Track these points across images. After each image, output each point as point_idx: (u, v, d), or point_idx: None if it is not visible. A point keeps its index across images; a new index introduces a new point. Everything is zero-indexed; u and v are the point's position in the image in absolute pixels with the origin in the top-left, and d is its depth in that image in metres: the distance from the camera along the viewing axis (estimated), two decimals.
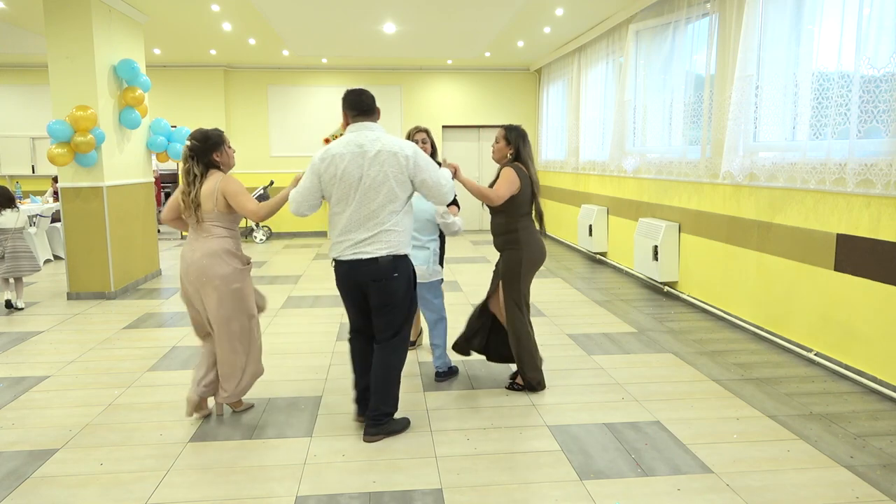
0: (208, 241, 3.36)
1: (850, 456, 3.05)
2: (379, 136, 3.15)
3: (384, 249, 3.12)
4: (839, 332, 4.17)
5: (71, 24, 6.25)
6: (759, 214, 4.98)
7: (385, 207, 3.10)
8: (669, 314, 5.74)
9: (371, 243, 3.11)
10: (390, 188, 3.09)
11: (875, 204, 3.84)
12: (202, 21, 7.78)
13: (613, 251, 8.19)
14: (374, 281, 3.14)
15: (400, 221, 3.16)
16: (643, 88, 6.98)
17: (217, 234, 3.38)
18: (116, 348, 4.89)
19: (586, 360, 4.49)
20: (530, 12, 7.52)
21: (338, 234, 3.17)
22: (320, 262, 8.88)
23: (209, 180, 3.35)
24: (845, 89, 3.99)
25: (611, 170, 7.90)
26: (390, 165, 3.08)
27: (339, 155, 3.10)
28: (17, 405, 3.78)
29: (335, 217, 3.18)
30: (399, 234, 3.16)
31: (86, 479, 2.90)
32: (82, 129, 6.14)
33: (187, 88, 10.96)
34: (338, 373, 4.27)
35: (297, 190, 3.24)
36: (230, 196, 3.34)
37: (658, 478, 2.87)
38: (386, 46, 9.42)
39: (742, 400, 3.74)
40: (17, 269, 6.05)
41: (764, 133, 4.96)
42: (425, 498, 2.71)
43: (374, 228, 3.10)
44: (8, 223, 5.99)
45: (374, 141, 3.11)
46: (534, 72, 11.76)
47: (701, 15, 5.81)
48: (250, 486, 2.83)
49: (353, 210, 3.10)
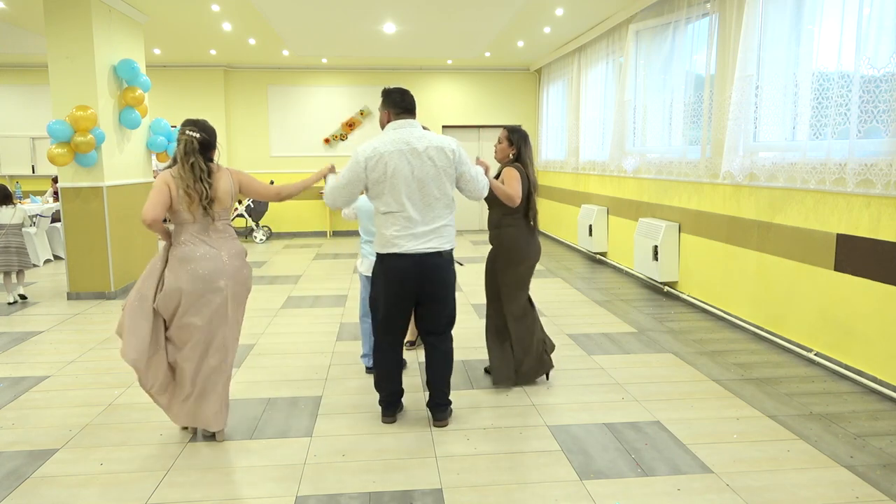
0: (229, 241, 3.17)
1: (850, 456, 3.05)
2: (423, 133, 3.25)
3: (447, 244, 3.28)
4: (839, 331, 4.17)
5: (71, 24, 6.25)
6: (759, 214, 4.98)
7: (440, 201, 3.23)
8: (669, 314, 5.74)
9: (434, 238, 3.22)
10: (441, 183, 3.21)
11: (875, 204, 3.84)
12: (202, 21, 7.78)
13: (613, 251, 8.19)
14: (438, 273, 3.26)
15: (451, 215, 3.32)
16: (643, 88, 6.98)
17: (231, 234, 3.21)
18: (116, 348, 4.88)
19: (586, 360, 4.49)
20: (530, 12, 7.52)
21: (396, 230, 3.18)
22: (320, 261, 8.88)
23: (220, 175, 3.14)
24: (845, 89, 3.99)
25: (611, 170, 7.90)
26: (440, 160, 3.19)
27: (388, 153, 3.14)
28: (17, 405, 3.78)
29: (388, 215, 3.20)
30: (452, 227, 3.33)
31: (86, 479, 2.91)
32: (82, 129, 6.14)
33: (187, 88, 10.96)
34: (338, 373, 4.27)
35: (337, 185, 3.25)
36: (246, 186, 3.23)
37: (658, 478, 2.87)
38: (386, 46, 9.42)
39: (742, 400, 3.74)
40: (8, 263, 6.26)
41: (764, 133, 4.96)
42: (425, 498, 2.71)
43: (433, 222, 3.21)
44: (3, 219, 6.25)
45: (420, 138, 3.20)
46: (534, 72, 11.76)
47: (701, 15, 5.81)
48: (250, 486, 2.83)
49: (410, 206, 3.17)
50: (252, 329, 5.34)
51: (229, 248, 3.15)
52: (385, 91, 3.33)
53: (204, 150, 3.09)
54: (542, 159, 11.45)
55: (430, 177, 3.17)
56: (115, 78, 6.74)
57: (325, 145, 11.50)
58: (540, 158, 11.55)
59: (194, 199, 3.02)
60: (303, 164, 11.39)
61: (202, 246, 3.09)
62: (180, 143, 3.06)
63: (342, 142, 11.51)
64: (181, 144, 3.05)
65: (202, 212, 3.06)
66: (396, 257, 3.20)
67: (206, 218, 3.09)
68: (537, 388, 3.96)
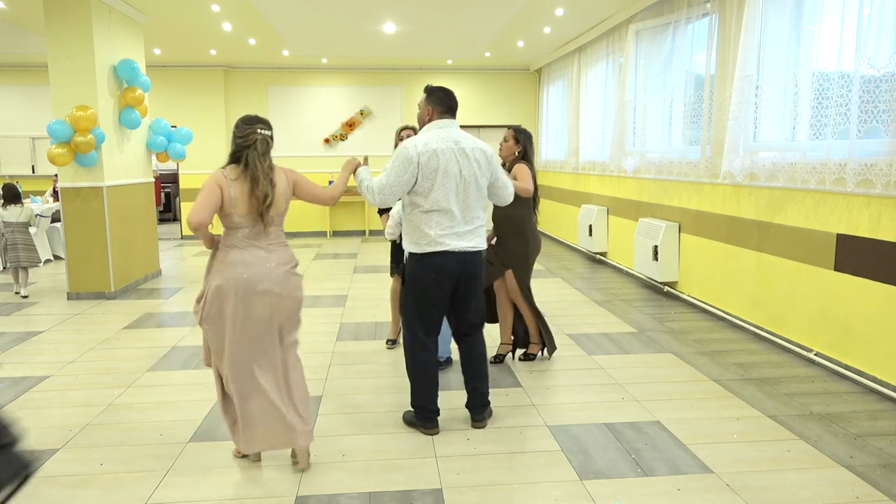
0: (280, 248, 2.91)
1: (850, 456, 3.05)
2: (466, 134, 3.31)
3: (483, 243, 3.36)
4: (839, 331, 4.17)
5: (71, 24, 6.25)
6: (759, 214, 4.98)
7: (479, 203, 3.29)
8: (669, 314, 5.74)
9: (474, 237, 3.28)
10: (480, 185, 3.27)
11: (875, 204, 3.84)
12: (202, 21, 7.78)
13: (613, 251, 8.19)
14: (477, 270, 3.35)
15: (484, 216, 3.39)
16: (643, 88, 6.98)
17: (283, 242, 2.95)
18: (116, 348, 4.89)
19: (586, 360, 4.49)
20: (530, 12, 7.52)
21: (440, 229, 3.18)
22: (320, 261, 8.88)
23: (277, 175, 2.89)
24: (845, 89, 3.99)
25: (611, 170, 7.90)
26: (483, 163, 3.27)
27: (440, 150, 3.15)
28: (17, 405, 3.78)
29: (431, 213, 3.18)
30: (485, 228, 3.40)
31: (86, 479, 2.91)
32: (82, 129, 6.14)
33: (187, 88, 10.96)
34: (338, 373, 4.27)
35: (388, 184, 3.14)
36: (301, 188, 2.99)
37: (658, 478, 2.87)
38: (386, 46, 9.42)
39: (742, 400, 3.74)
40: (16, 259, 6.59)
41: (764, 133, 4.96)
42: (425, 498, 2.71)
43: (473, 222, 3.27)
44: (11, 217, 6.61)
45: (466, 138, 3.26)
46: (534, 72, 11.76)
47: (701, 15, 5.81)
48: (250, 486, 2.83)
49: (455, 204, 3.20)
50: None
51: (279, 256, 2.89)
52: (430, 88, 3.32)
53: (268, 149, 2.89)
54: (542, 159, 11.45)
55: (473, 178, 3.22)
56: (115, 78, 6.74)
57: (325, 145, 11.50)
58: (540, 158, 11.54)
59: (255, 203, 2.78)
60: (303, 164, 11.38)
61: (250, 251, 2.83)
62: (254, 142, 2.83)
63: (342, 142, 11.51)
64: (256, 144, 2.83)
65: (258, 217, 2.81)
66: (441, 255, 3.20)
67: (259, 224, 2.83)
68: (537, 388, 3.97)
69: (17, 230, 6.59)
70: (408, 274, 3.35)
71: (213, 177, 2.79)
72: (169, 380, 4.18)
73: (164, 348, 4.86)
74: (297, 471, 2.93)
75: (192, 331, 5.32)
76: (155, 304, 6.33)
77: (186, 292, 6.87)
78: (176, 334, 5.24)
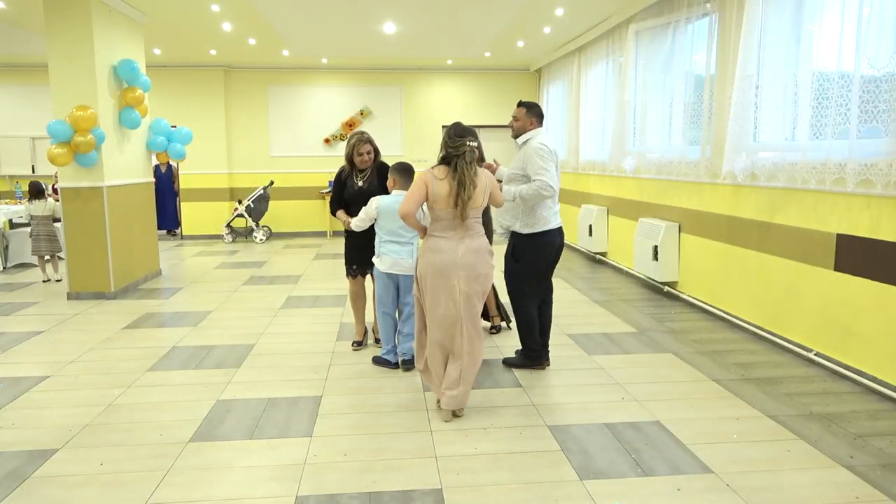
0: (473, 237, 3.44)
1: (850, 456, 3.05)
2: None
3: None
4: (839, 331, 4.17)
5: (71, 24, 6.25)
6: (759, 214, 4.98)
7: None
8: (669, 314, 5.74)
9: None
10: None
11: (875, 204, 3.84)
12: (202, 21, 7.78)
13: (613, 251, 8.19)
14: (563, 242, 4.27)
15: None
16: (643, 88, 6.98)
17: (478, 231, 3.50)
18: (116, 348, 4.89)
19: (586, 360, 4.49)
20: (530, 12, 7.52)
21: (555, 210, 4.11)
22: (320, 262, 8.88)
23: (479, 176, 3.42)
24: (845, 89, 3.99)
25: (611, 170, 7.90)
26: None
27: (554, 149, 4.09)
28: (17, 405, 3.78)
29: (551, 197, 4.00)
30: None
31: (86, 479, 2.91)
32: (82, 129, 6.14)
33: (187, 88, 10.95)
34: (338, 373, 4.27)
35: (551, 173, 3.89)
36: (493, 194, 3.56)
37: (658, 478, 2.87)
38: (386, 46, 9.42)
39: (742, 400, 3.74)
40: (38, 249, 7.29)
41: (764, 133, 4.96)
42: (425, 498, 2.71)
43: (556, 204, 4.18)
44: (37, 210, 7.23)
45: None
46: (534, 72, 11.76)
47: (701, 15, 5.81)
48: (250, 486, 2.83)
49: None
50: (252, 329, 5.35)
51: (468, 244, 3.41)
52: (531, 104, 4.15)
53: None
54: None
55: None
56: (115, 78, 6.74)
57: (325, 145, 11.50)
58: None
59: (454, 201, 3.33)
60: (303, 164, 11.40)
61: (445, 240, 3.42)
62: (463, 153, 3.37)
63: (342, 142, 11.49)
64: (465, 154, 3.37)
65: (456, 210, 3.35)
66: (556, 232, 4.12)
67: (456, 217, 3.38)
68: (537, 388, 3.97)
69: (41, 223, 7.22)
70: (520, 250, 4.12)
71: (420, 175, 3.43)
72: (169, 380, 4.18)
73: (163, 348, 4.86)
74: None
75: (193, 331, 5.33)
76: (155, 304, 6.33)
77: (186, 292, 6.87)
78: (176, 334, 5.24)
